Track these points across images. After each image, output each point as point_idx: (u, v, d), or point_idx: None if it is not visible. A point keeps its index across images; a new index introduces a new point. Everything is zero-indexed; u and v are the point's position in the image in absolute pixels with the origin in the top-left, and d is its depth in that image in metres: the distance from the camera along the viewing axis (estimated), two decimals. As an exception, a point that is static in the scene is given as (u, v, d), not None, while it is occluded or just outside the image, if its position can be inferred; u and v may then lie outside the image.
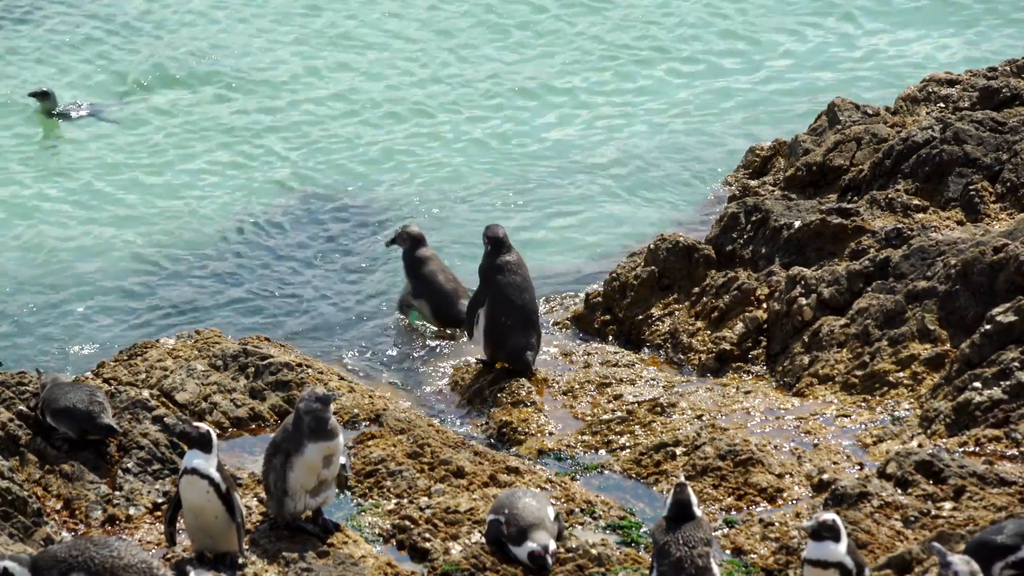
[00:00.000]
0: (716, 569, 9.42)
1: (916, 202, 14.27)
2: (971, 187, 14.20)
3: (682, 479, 9.75)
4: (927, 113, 15.81)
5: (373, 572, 10.08)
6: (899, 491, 10.44)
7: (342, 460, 10.39)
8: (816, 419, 12.07)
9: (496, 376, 13.23)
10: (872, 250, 13.46)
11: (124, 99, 20.41)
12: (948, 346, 12.31)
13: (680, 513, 9.45)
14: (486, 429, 12.48)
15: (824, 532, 9.18)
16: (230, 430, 11.82)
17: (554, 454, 11.92)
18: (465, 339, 13.87)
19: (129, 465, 11.05)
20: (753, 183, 16.30)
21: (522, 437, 12.27)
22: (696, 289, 14.14)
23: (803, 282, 13.34)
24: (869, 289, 13.04)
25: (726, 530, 10.72)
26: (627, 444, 11.92)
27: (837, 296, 13.18)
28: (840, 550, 9.18)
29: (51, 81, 20.54)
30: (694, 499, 9.53)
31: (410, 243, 14.84)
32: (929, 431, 11.54)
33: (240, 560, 9.96)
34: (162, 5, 22.83)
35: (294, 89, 20.65)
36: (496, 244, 13.45)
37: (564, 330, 14.40)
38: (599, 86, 20.60)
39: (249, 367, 12.24)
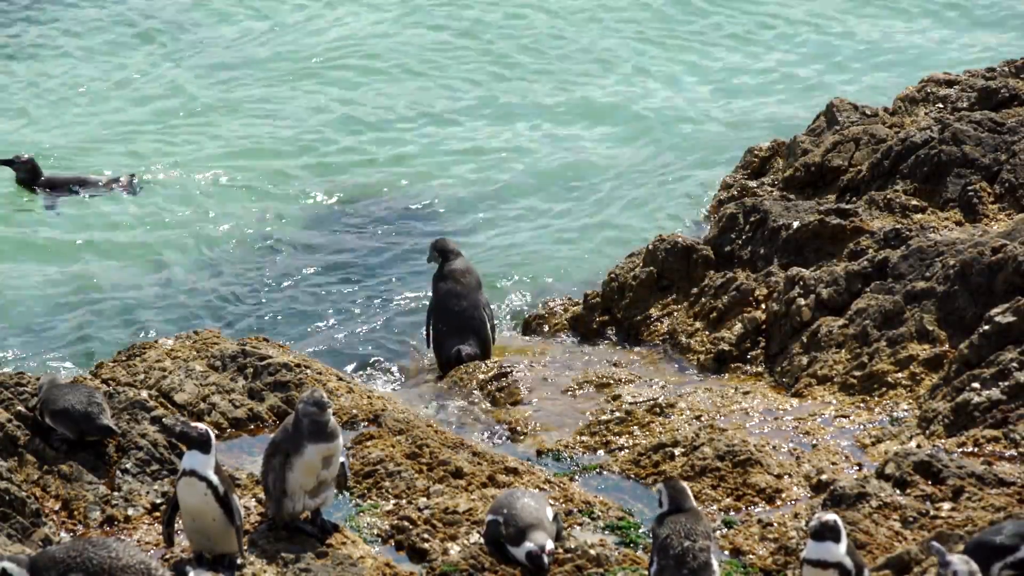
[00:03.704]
0: (715, 563, 9.43)
1: (914, 203, 14.26)
2: (969, 188, 14.19)
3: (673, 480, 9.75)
4: (925, 114, 15.81)
5: (371, 572, 10.07)
6: (898, 492, 10.43)
7: (341, 460, 10.38)
8: (815, 420, 12.06)
9: (495, 377, 13.23)
10: (871, 251, 13.45)
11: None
12: (947, 347, 12.30)
13: (678, 504, 9.46)
14: (485, 429, 12.47)
15: (826, 532, 9.17)
16: (229, 431, 11.80)
17: (553, 454, 11.91)
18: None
19: (128, 466, 11.03)
20: (752, 184, 16.30)
21: (521, 437, 12.27)
22: (695, 289, 14.13)
23: (801, 282, 13.34)
24: (868, 290, 13.03)
25: (725, 530, 10.71)
26: (626, 445, 11.91)
27: (836, 297, 13.18)
28: (840, 550, 9.17)
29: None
30: (688, 490, 9.55)
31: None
32: (928, 432, 11.53)
33: (239, 561, 9.95)
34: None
35: (291, 88, 20.64)
36: (443, 253, 13.92)
37: (563, 331, 14.40)
38: (596, 86, 20.60)
39: (248, 368, 12.22)
